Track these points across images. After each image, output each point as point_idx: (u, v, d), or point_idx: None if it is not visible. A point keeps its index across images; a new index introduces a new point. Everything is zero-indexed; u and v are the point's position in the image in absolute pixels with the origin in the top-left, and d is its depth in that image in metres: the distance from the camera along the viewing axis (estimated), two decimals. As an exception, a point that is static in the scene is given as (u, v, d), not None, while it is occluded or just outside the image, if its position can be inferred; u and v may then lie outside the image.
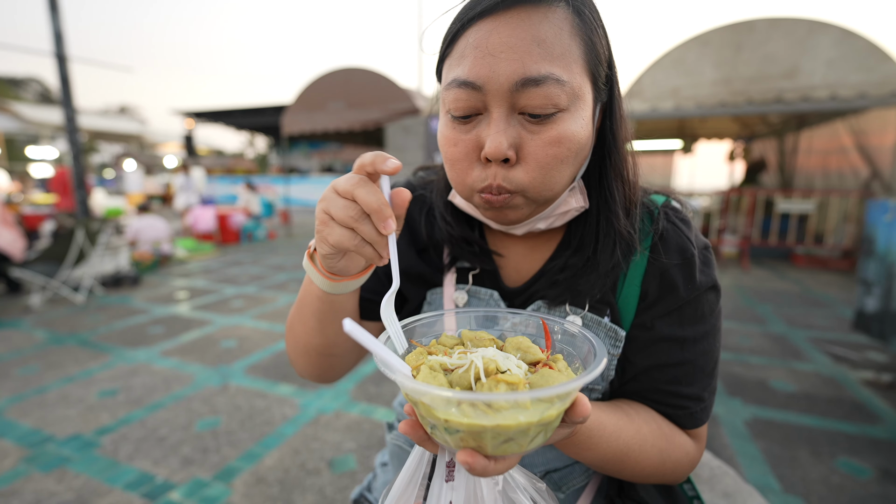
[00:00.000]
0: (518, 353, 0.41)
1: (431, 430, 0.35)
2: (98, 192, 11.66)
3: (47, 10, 5.13)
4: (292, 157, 23.05)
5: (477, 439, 0.32)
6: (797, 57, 4.89)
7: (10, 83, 32.88)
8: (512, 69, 0.43)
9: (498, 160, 0.46)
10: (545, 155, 0.46)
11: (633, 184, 0.56)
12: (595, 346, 0.38)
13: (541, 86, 0.43)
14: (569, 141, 0.46)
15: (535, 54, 0.43)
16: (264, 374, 2.61)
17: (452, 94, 0.47)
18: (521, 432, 0.32)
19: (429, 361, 0.38)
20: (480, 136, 0.47)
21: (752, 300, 4.22)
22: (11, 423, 2.08)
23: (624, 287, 0.56)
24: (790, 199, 6.20)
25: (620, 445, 0.48)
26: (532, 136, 0.46)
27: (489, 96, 0.45)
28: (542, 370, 0.37)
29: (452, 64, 0.48)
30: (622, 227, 0.53)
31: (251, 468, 1.77)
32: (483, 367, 0.36)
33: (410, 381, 0.33)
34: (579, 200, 0.54)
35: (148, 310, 3.89)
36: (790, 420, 2.13)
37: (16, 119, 16.50)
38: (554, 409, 0.33)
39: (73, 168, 5.41)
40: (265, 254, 6.84)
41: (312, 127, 8.19)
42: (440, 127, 0.51)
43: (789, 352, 2.95)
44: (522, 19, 0.43)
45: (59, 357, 2.85)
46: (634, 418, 0.51)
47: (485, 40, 0.44)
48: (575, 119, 0.46)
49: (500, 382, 0.34)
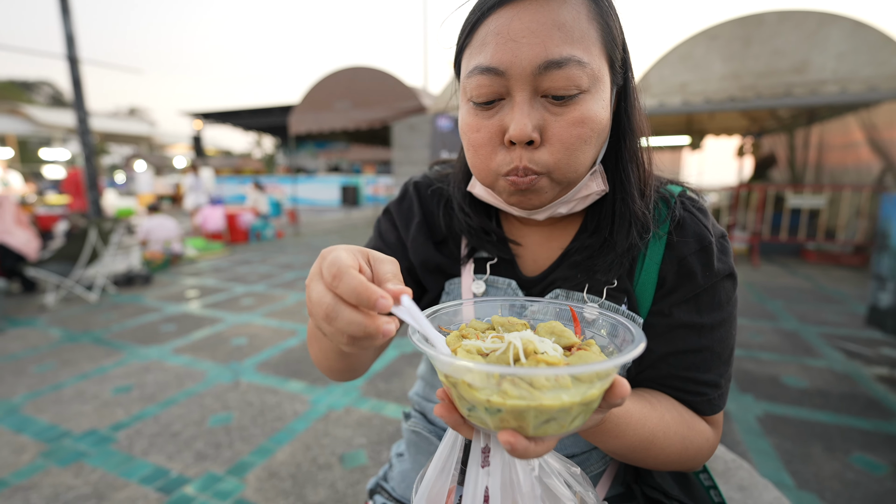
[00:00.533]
0: (552, 336, 0.41)
1: (469, 411, 0.35)
2: (109, 192, 11.81)
3: (59, 14, 5.20)
4: (299, 157, 23.18)
5: (518, 419, 0.32)
6: (807, 50, 4.82)
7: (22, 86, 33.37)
8: (534, 53, 0.44)
9: (523, 142, 0.46)
10: (569, 135, 0.46)
11: (647, 166, 0.56)
12: (633, 330, 0.38)
13: (563, 68, 0.44)
14: (591, 121, 0.47)
15: (557, 38, 0.44)
16: (275, 371, 2.64)
17: (475, 80, 0.47)
18: (563, 411, 0.32)
19: (464, 345, 0.38)
20: (504, 121, 0.48)
21: (762, 296, 4.18)
22: (29, 418, 2.13)
23: (641, 274, 0.56)
24: (801, 194, 6.12)
25: (646, 433, 0.48)
26: (555, 117, 0.46)
27: (512, 81, 0.46)
28: (579, 353, 0.37)
29: (473, 52, 0.48)
30: (637, 209, 0.54)
31: (263, 463, 1.80)
32: (522, 348, 0.35)
33: (454, 357, 0.33)
34: (599, 184, 0.54)
35: (160, 308, 3.94)
36: (803, 416, 2.11)
37: (29, 122, 16.77)
38: (595, 388, 0.33)
39: (86, 169, 5.49)
40: (273, 253, 6.89)
41: (319, 126, 8.23)
42: (461, 115, 0.52)
43: (801, 348, 2.92)
44: (542, 5, 0.45)
45: (73, 354, 2.90)
46: (657, 406, 0.51)
47: (506, 27, 0.45)
48: (596, 100, 0.47)
49: (540, 362, 0.34)
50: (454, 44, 0.52)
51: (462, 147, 0.65)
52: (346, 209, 15.52)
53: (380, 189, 16.75)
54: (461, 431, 0.38)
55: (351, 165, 22.23)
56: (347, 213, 14.23)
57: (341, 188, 16.70)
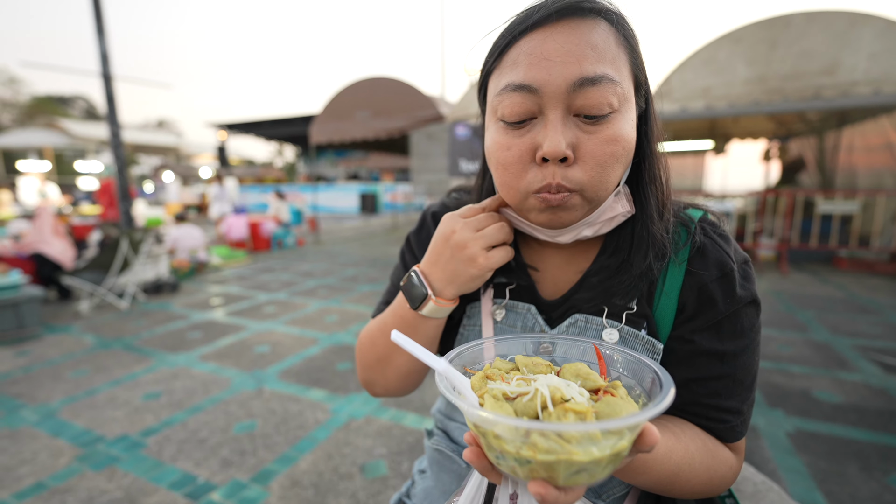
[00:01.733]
0: (577, 379, 0.41)
1: (497, 459, 0.35)
2: (139, 202, 12.27)
3: (94, 33, 5.47)
4: (319, 166, 23.61)
5: (549, 470, 0.32)
6: (837, 51, 4.67)
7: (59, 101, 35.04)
8: (569, 71, 0.45)
9: (557, 159, 0.47)
10: (602, 153, 0.47)
11: (666, 188, 0.57)
12: (660, 375, 0.37)
13: (597, 85, 0.45)
14: (623, 139, 0.48)
15: (591, 57, 0.45)
16: (297, 379, 2.68)
17: (507, 98, 0.48)
18: (593, 463, 0.32)
19: (490, 389, 0.38)
20: (535, 139, 0.48)
21: (792, 306, 4.04)
22: (66, 423, 2.22)
23: (661, 300, 0.56)
24: (832, 199, 5.90)
25: (672, 467, 0.48)
26: (588, 136, 0.47)
27: (545, 98, 0.47)
28: (606, 398, 0.37)
29: (503, 72, 0.49)
30: (656, 230, 0.54)
31: (286, 471, 1.83)
32: (549, 396, 0.35)
33: (482, 411, 0.33)
34: (625, 205, 0.54)
35: (187, 315, 4.06)
36: (837, 433, 2.03)
37: (65, 135, 17.58)
38: (625, 439, 0.33)
39: (118, 180, 5.72)
40: (294, 260, 7.03)
41: (340, 136, 8.38)
42: (490, 135, 0.52)
43: (834, 361, 2.81)
44: (573, 28, 0.46)
45: (106, 360, 3.01)
46: (681, 437, 0.51)
47: (539, 48, 0.46)
48: (626, 120, 0.48)
49: (567, 412, 0.34)
50: (480, 67, 0.54)
51: (480, 172, 0.67)
52: (365, 216, 15.71)
53: (398, 196, 16.90)
54: (489, 477, 0.38)
55: (370, 173, 22.52)
56: (366, 221, 14.39)
57: (360, 196, 16.92)
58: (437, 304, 0.56)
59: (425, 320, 0.59)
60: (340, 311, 4.11)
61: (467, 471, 0.65)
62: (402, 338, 0.40)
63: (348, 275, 5.82)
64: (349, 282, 5.39)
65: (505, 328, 0.62)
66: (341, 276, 5.71)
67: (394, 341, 0.42)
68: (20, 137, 17.97)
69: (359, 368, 0.70)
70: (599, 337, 0.56)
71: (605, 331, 0.56)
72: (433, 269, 0.57)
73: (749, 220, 6.59)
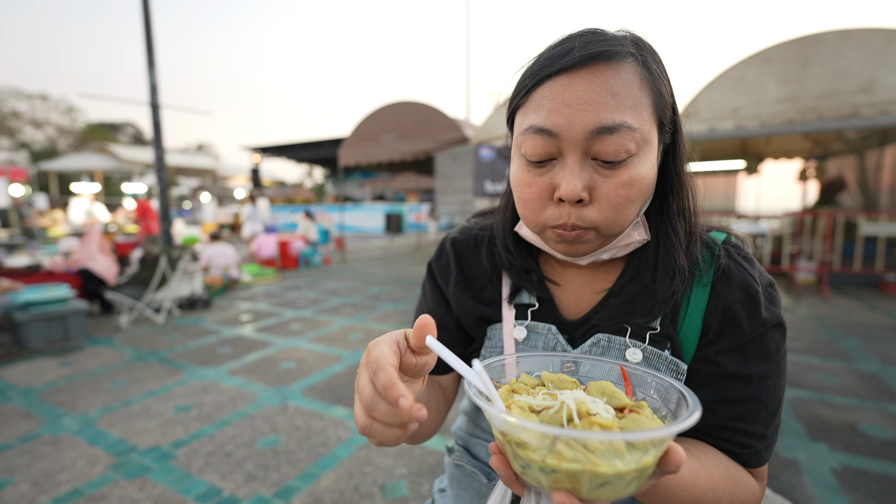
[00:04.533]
0: (603, 397, 0.41)
1: (522, 469, 0.35)
2: (177, 221, 12.89)
3: (146, 66, 5.90)
4: (347, 186, 24.27)
5: (573, 481, 0.32)
6: (874, 69, 4.53)
7: (110, 128, 37.60)
8: (588, 119, 0.47)
9: (572, 201, 0.49)
10: (617, 196, 0.49)
11: (694, 218, 0.57)
12: (686, 395, 0.37)
13: (615, 133, 0.47)
14: (639, 183, 0.49)
15: (610, 105, 0.47)
16: (320, 396, 2.72)
17: (530, 140, 0.50)
18: (618, 477, 0.32)
19: (517, 402, 0.39)
20: (554, 179, 0.50)
21: (835, 333, 3.82)
22: (103, 432, 2.31)
23: (685, 321, 0.56)
24: (876, 220, 5.62)
25: (695, 493, 0.47)
26: (605, 179, 0.49)
27: (565, 143, 0.49)
28: (631, 416, 0.37)
29: (528, 112, 0.51)
30: (682, 261, 0.55)
31: (308, 488, 1.84)
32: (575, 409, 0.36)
33: (511, 416, 0.33)
34: (641, 234, 0.56)
35: (217, 331, 4.20)
36: (888, 471, 1.88)
37: (113, 159, 18.80)
38: (650, 455, 0.33)
39: (160, 201, 6.06)
40: (321, 279, 7.18)
41: (367, 158, 8.64)
42: (514, 168, 0.55)
43: (884, 392, 2.63)
44: (596, 75, 0.47)
45: (142, 373, 3.14)
46: (705, 463, 0.50)
47: (560, 94, 0.48)
48: (644, 163, 0.49)
49: (593, 425, 0.34)
50: (509, 100, 0.56)
51: (506, 193, 0.69)
52: (390, 236, 15.94)
53: (422, 217, 17.11)
54: (513, 488, 0.38)
55: (395, 194, 22.96)
56: (391, 240, 14.59)
57: (385, 216, 17.24)
58: None
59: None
60: (364, 330, 4.16)
61: (488, 488, 0.65)
62: (437, 344, 0.38)
63: (373, 293, 5.89)
64: (373, 300, 5.46)
65: (527, 349, 0.63)
66: (366, 295, 5.79)
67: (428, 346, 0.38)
68: (74, 161, 19.33)
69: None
70: (623, 357, 0.56)
71: (629, 350, 0.56)
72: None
73: (786, 242, 6.33)
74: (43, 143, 28.20)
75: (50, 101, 28.87)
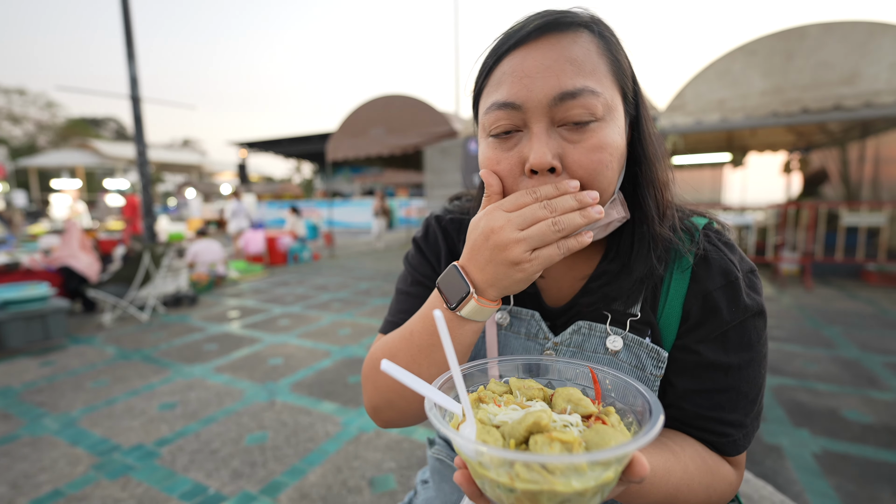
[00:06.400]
0: (569, 405, 0.41)
1: (484, 486, 0.35)
2: (162, 217, 12.67)
3: (125, 58, 5.75)
4: (335, 182, 24.06)
5: (533, 500, 0.32)
6: (857, 61, 4.59)
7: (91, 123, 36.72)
8: (549, 86, 0.46)
9: (544, 170, 0.48)
10: (589, 161, 0.47)
11: (664, 191, 0.56)
12: (650, 402, 0.37)
13: (577, 98, 0.46)
14: (610, 146, 0.48)
15: (569, 71, 0.46)
16: (308, 392, 2.69)
17: (492, 116, 0.49)
18: (577, 495, 0.32)
19: (479, 417, 0.38)
20: (522, 152, 0.49)
21: (817, 321, 3.89)
22: (84, 431, 2.27)
23: (665, 307, 0.56)
24: (857, 211, 5.72)
25: (670, 489, 0.47)
26: (574, 145, 0.48)
27: (528, 113, 0.48)
28: (596, 426, 0.37)
29: (490, 92, 0.51)
30: (657, 232, 0.54)
31: (296, 484, 1.82)
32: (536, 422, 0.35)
33: (463, 440, 0.33)
34: (620, 211, 0.54)
35: (204, 328, 4.13)
36: (867, 455, 1.92)
37: (96, 155, 18.37)
38: (611, 471, 0.32)
39: (143, 197, 5.94)
40: (310, 274, 7.12)
41: (355, 153, 8.55)
42: (481, 151, 0.54)
43: (864, 378, 2.69)
44: (553, 44, 0.47)
45: (126, 371, 3.08)
46: (681, 456, 0.50)
47: (520, 66, 0.48)
48: (612, 128, 0.48)
49: (554, 441, 0.33)
50: (472, 87, 0.55)
51: (481, 184, 0.67)
52: (380, 231, 15.85)
53: (412, 212, 17.05)
54: (477, 502, 0.38)
55: (384, 189, 22.84)
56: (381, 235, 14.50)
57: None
58: (479, 303, 0.50)
59: (462, 323, 0.51)
60: (353, 325, 4.13)
61: None
62: (393, 366, 0.38)
63: (362, 288, 5.86)
64: (362, 295, 5.43)
65: (509, 334, 0.62)
66: (355, 290, 5.76)
67: (384, 371, 0.38)
68: (54, 157, 18.84)
69: (369, 391, 0.60)
70: (603, 344, 0.56)
71: (609, 338, 0.55)
72: (473, 268, 0.50)
73: (770, 234, 6.43)
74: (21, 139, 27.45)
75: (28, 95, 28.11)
